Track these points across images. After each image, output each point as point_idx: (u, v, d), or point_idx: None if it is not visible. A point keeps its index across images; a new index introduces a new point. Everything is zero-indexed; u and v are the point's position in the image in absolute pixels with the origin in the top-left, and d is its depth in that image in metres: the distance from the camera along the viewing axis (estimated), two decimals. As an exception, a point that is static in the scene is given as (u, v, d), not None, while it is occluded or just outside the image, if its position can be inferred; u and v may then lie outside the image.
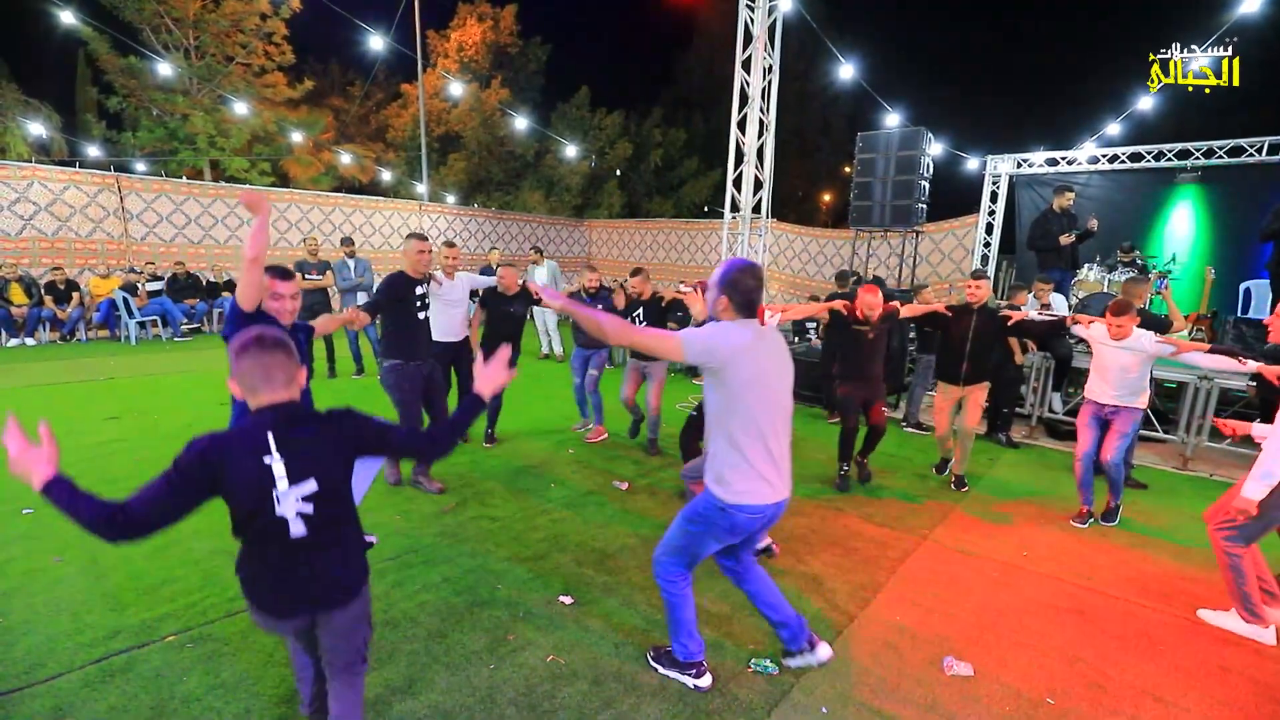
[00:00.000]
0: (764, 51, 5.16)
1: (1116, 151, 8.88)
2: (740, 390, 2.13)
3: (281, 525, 1.63)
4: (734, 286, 2.19)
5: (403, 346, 4.12)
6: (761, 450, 2.18)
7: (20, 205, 9.61)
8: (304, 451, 1.64)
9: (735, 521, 2.22)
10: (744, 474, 2.18)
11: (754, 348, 2.15)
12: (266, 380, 1.64)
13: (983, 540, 3.92)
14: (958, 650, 2.74)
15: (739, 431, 2.16)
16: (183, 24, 16.18)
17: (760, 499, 2.20)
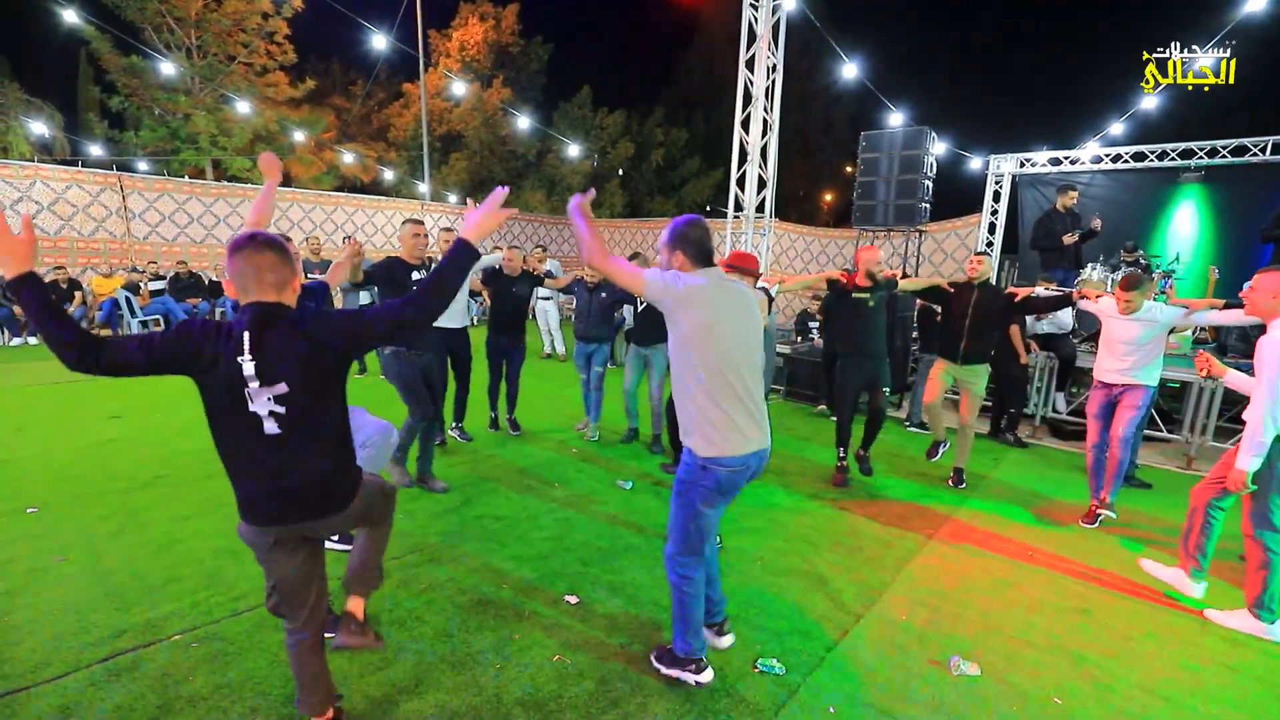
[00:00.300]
0: (768, 50, 5.15)
1: (1120, 151, 8.86)
2: (702, 335, 2.12)
3: (255, 420, 1.65)
4: (685, 239, 2.23)
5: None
6: (731, 398, 2.16)
7: (23, 204, 9.62)
8: (276, 353, 1.63)
9: (718, 478, 2.19)
10: (717, 424, 2.16)
11: (713, 292, 2.15)
12: (257, 280, 1.65)
13: (988, 540, 3.91)
14: (964, 650, 2.73)
15: (706, 381, 2.14)
16: (185, 23, 16.19)
17: (737, 448, 2.17)
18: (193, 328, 1.66)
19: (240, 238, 1.68)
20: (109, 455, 4.60)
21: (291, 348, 1.65)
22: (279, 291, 1.69)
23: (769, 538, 3.76)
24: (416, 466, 4.27)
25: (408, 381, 4.02)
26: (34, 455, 4.51)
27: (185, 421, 5.41)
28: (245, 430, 1.67)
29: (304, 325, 1.69)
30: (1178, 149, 8.43)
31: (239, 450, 1.71)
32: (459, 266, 1.81)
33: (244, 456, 1.71)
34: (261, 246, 1.68)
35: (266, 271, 1.66)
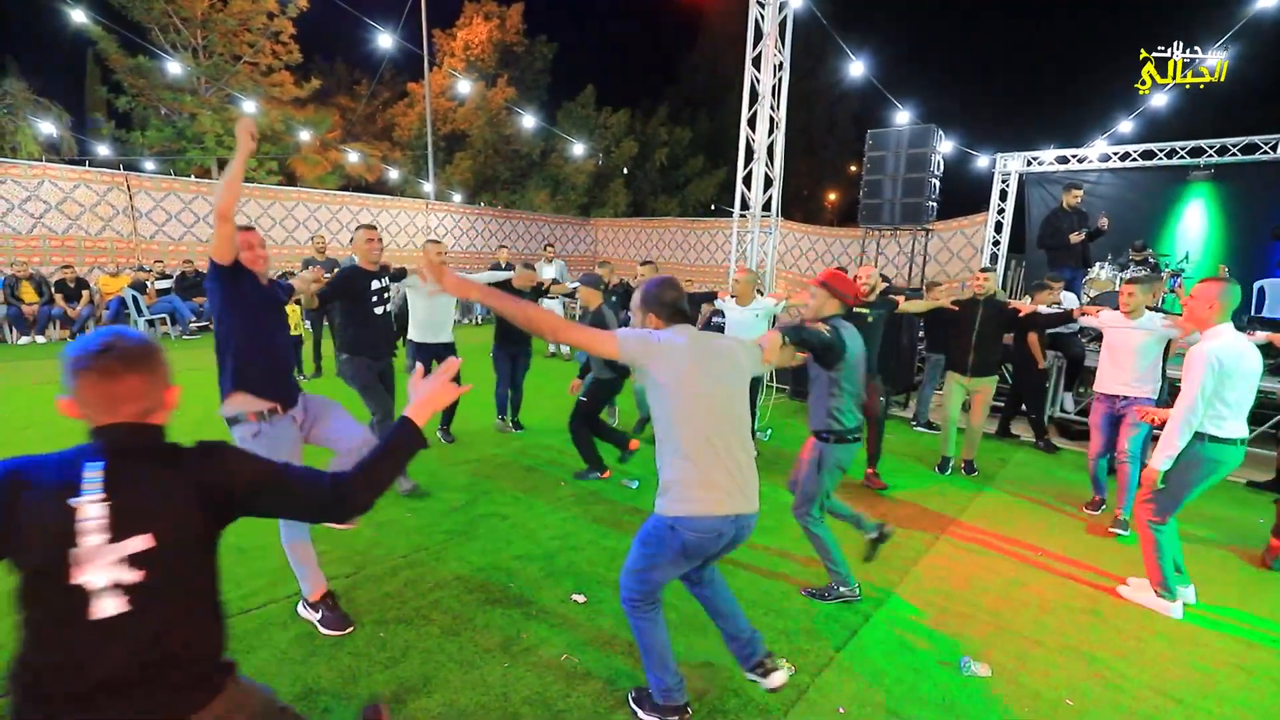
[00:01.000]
0: (774, 49, 5.13)
1: (1128, 149, 8.80)
2: (675, 391, 2.02)
3: (78, 598, 1.13)
4: (657, 301, 2.17)
5: (359, 341, 3.97)
6: (708, 457, 2.01)
7: (31, 204, 9.67)
8: (141, 494, 1.19)
9: (685, 541, 2.02)
10: (690, 482, 2.01)
11: (690, 349, 2.06)
12: (109, 410, 1.23)
13: (996, 540, 3.89)
14: (974, 650, 2.72)
15: (681, 438, 2.02)
16: (191, 23, 16.23)
17: (709, 509, 2.00)
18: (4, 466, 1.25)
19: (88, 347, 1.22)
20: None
21: (169, 485, 1.24)
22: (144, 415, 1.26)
23: (777, 537, 3.74)
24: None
25: (364, 382, 4.01)
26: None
27: (190, 421, 5.42)
28: (58, 616, 1.17)
29: (196, 457, 1.29)
30: (1186, 147, 8.36)
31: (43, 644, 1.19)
32: (399, 459, 1.45)
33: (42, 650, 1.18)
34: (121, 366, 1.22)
35: (124, 402, 1.23)
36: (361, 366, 4.00)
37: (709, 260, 15.54)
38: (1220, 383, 2.91)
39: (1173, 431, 2.96)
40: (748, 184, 5.28)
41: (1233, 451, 2.99)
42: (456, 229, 15.07)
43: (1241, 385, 2.95)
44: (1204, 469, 3.00)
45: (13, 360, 7.79)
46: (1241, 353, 2.95)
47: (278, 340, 2.71)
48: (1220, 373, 2.89)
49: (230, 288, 2.54)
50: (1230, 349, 2.93)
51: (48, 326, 9.19)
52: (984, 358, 4.86)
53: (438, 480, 4.37)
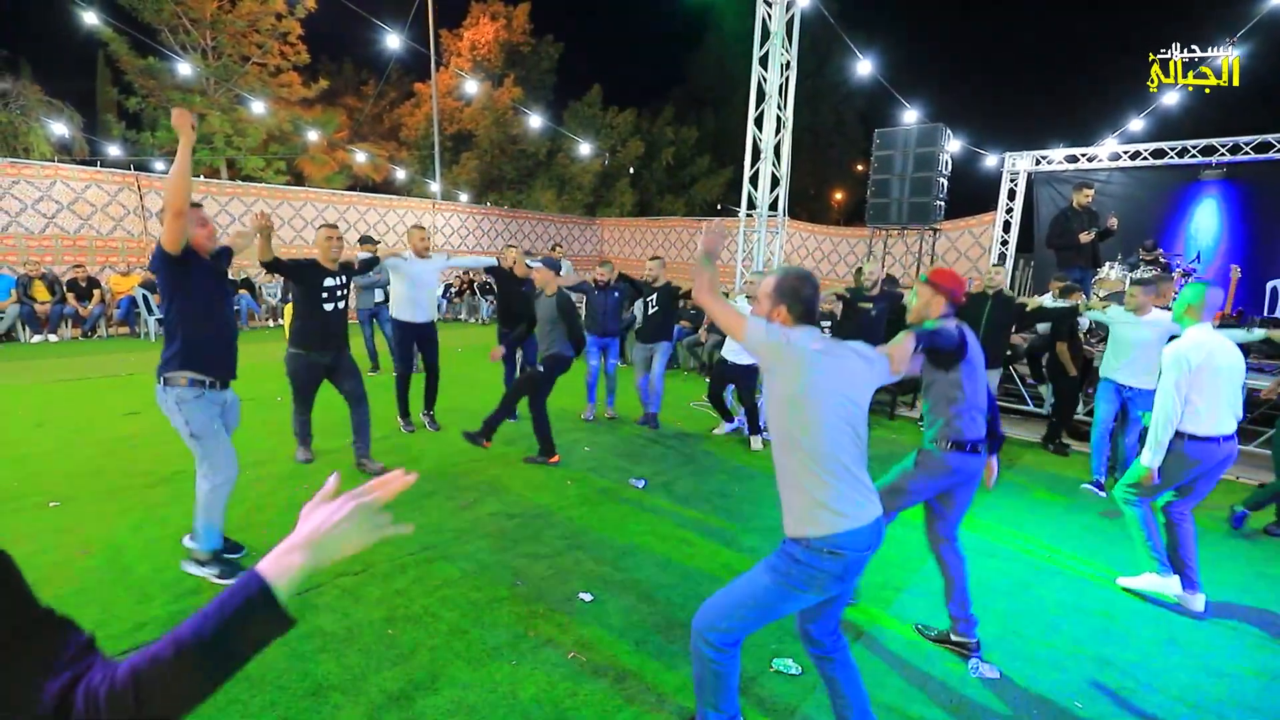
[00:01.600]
0: (782, 47, 5.12)
1: (1139, 148, 8.73)
2: (804, 399, 1.84)
3: None
4: (794, 295, 1.95)
5: (306, 335, 4.11)
6: (837, 467, 1.85)
7: (44, 204, 9.76)
8: None
9: (847, 563, 1.81)
10: (827, 499, 1.82)
11: (823, 358, 1.88)
12: None
13: (1005, 542, 3.87)
14: (985, 652, 2.70)
15: (807, 451, 1.84)
16: (200, 25, 16.35)
17: (859, 519, 1.83)
18: None
19: None
20: (128, 451, 4.65)
21: None
22: None
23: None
24: (354, 450, 4.43)
25: (298, 384, 4.28)
26: (55, 450, 4.57)
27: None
28: None
29: None
30: (1198, 146, 8.29)
31: None
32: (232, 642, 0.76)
33: None
34: None
35: None
36: (302, 365, 4.19)
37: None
38: (1195, 379, 2.99)
39: (1155, 430, 3.05)
40: (754, 183, 5.27)
41: (1213, 449, 3.04)
42: (463, 228, 15.11)
43: (1214, 381, 3.01)
44: (1178, 463, 3.08)
45: (26, 359, 7.87)
46: (1212, 351, 3.01)
47: (226, 316, 2.98)
48: (1192, 369, 2.98)
49: (179, 272, 2.74)
50: (1200, 348, 3.00)
51: (60, 325, 9.28)
52: (991, 350, 4.87)
53: (444, 478, 4.38)
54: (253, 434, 5.00)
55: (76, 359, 7.94)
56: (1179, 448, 3.06)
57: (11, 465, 4.22)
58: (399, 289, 5.16)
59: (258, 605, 0.77)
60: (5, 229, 9.50)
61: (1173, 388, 3.00)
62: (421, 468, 4.57)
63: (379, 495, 0.92)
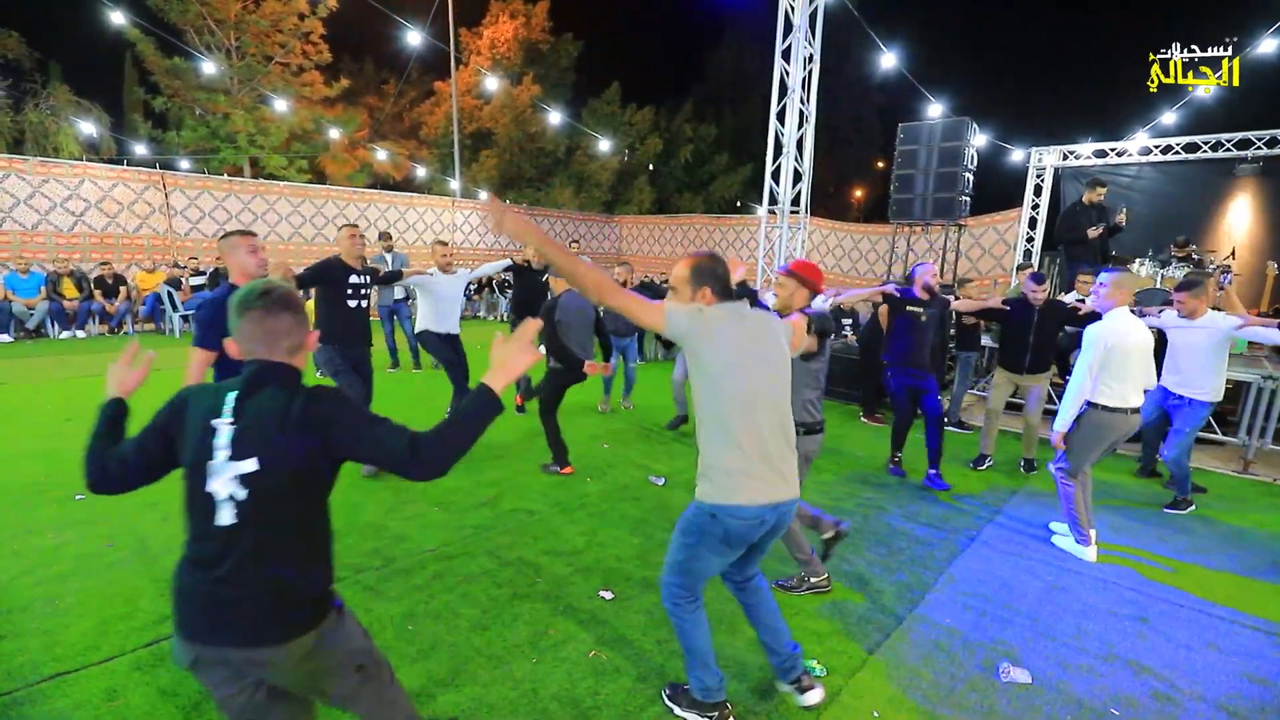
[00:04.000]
0: (805, 41, 5.04)
1: (1171, 142, 8.49)
2: (724, 371, 1.93)
3: (209, 504, 1.36)
4: (711, 274, 2.05)
5: (330, 331, 4.19)
6: (753, 441, 1.94)
7: (72, 202, 9.96)
8: (259, 422, 1.37)
9: (728, 529, 1.96)
10: (733, 470, 1.94)
11: (738, 328, 1.98)
12: (268, 345, 1.44)
13: (1034, 543, 3.77)
14: (1013, 656, 2.63)
15: (727, 422, 1.94)
16: (224, 25, 16.57)
17: (751, 497, 1.93)
18: (181, 392, 1.49)
19: (250, 295, 1.44)
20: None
21: (282, 418, 1.38)
22: (290, 355, 1.47)
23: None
24: None
25: (336, 368, 4.28)
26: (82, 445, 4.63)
27: (225, 412, 5.52)
28: (198, 519, 1.41)
29: (309, 398, 1.42)
30: (1233, 139, 8.04)
31: (190, 546, 1.43)
32: (476, 425, 1.49)
33: (189, 553, 1.42)
34: (275, 308, 1.44)
35: (279, 337, 1.45)
36: (334, 354, 4.26)
37: (734, 257, 15.43)
38: (1107, 358, 3.37)
39: (1066, 401, 3.47)
40: (776, 179, 5.20)
41: (1121, 419, 3.45)
42: (481, 226, 15.17)
43: (1124, 360, 3.38)
44: (1094, 432, 3.49)
45: (54, 354, 8.03)
46: (1126, 332, 3.39)
47: None
48: (1106, 350, 3.36)
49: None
50: (1115, 330, 3.39)
51: (87, 321, 9.46)
52: (1040, 355, 4.95)
53: (464, 475, 4.38)
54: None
55: (103, 355, 8.09)
56: (1089, 416, 3.49)
57: (40, 459, 4.29)
58: (426, 304, 5.21)
59: (490, 400, 1.51)
60: (35, 227, 9.72)
61: (1087, 364, 3.42)
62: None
63: (529, 334, 1.59)
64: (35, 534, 3.25)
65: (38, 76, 17.41)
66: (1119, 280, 3.47)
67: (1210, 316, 4.19)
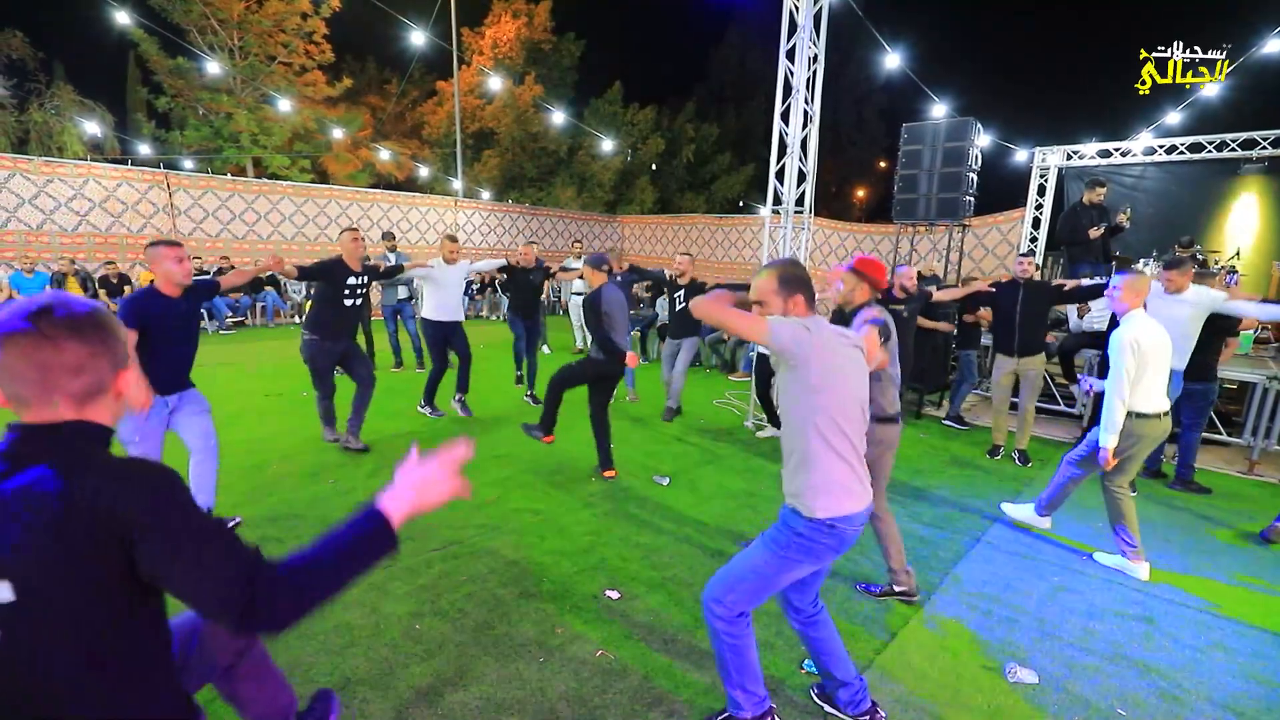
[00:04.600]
0: (809, 41, 5.03)
1: (1175, 142, 8.46)
2: (825, 386, 1.94)
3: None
4: (802, 282, 2.03)
5: (324, 325, 4.47)
6: (850, 450, 1.99)
7: (77, 202, 9.98)
8: (12, 527, 0.91)
9: (845, 538, 1.96)
10: (842, 482, 1.96)
11: (834, 343, 2.00)
12: (41, 390, 0.99)
13: (1039, 544, 3.77)
14: (1019, 656, 2.63)
15: (831, 436, 1.95)
16: (227, 25, 16.60)
17: (858, 505, 1.98)
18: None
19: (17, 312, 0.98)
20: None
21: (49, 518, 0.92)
22: (79, 406, 1.02)
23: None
24: (347, 426, 4.73)
25: (318, 365, 4.53)
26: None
27: (233, 411, 5.53)
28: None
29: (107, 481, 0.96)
30: (1238, 139, 8.02)
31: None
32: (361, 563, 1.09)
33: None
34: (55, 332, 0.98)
35: (62, 375, 0.99)
36: (319, 350, 4.49)
37: (735, 257, 15.42)
38: (1141, 364, 3.29)
39: (1109, 416, 3.32)
40: (780, 179, 5.19)
41: (1156, 424, 3.39)
42: (484, 226, 15.18)
43: (1155, 363, 3.33)
44: (1135, 441, 3.40)
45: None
46: (1153, 334, 3.33)
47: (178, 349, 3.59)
48: (1140, 354, 3.29)
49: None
50: (1145, 333, 3.31)
51: (92, 320, 9.48)
52: (1030, 336, 5.08)
53: (469, 474, 4.37)
54: (279, 429, 5.06)
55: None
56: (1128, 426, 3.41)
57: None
58: (431, 294, 5.57)
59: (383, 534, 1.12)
60: (40, 226, 9.74)
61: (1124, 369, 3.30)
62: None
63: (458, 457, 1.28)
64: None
65: (42, 76, 17.44)
66: (1132, 283, 3.42)
67: (1195, 290, 4.29)
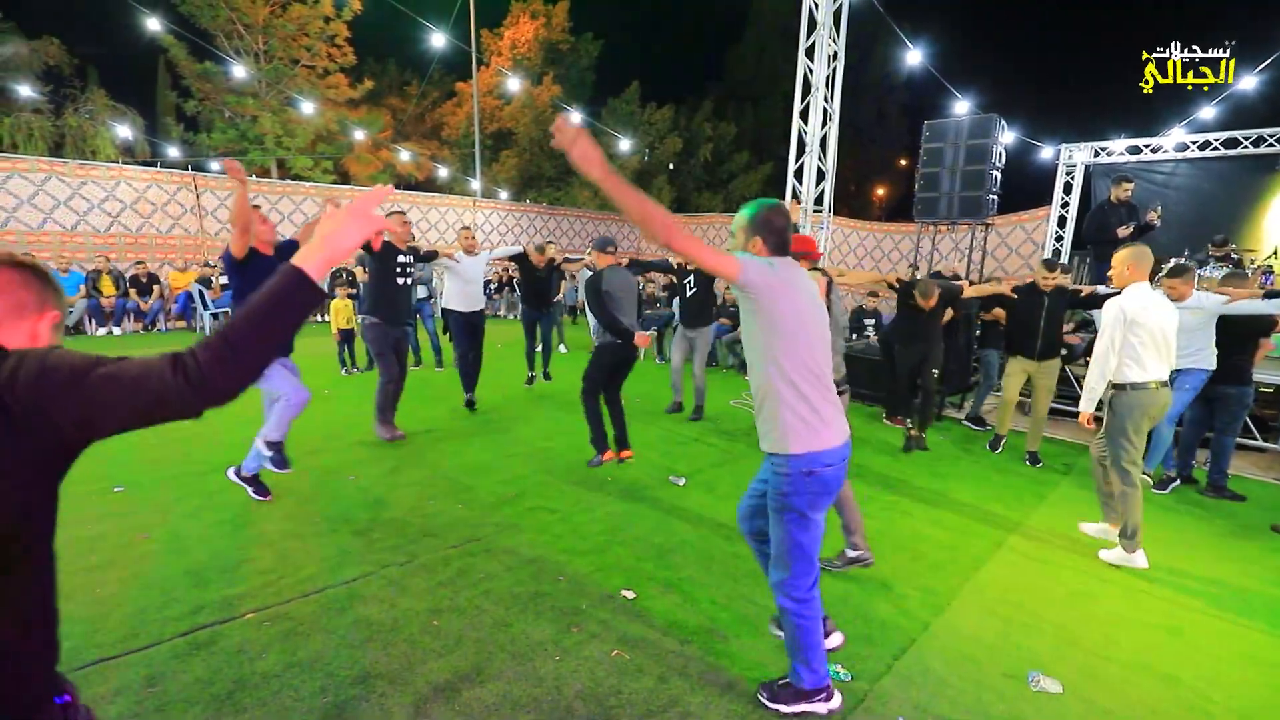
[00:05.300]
0: (829, 38, 4.99)
1: (1209, 137, 8.25)
2: (794, 325, 1.99)
3: None
4: (768, 225, 2.10)
5: (382, 307, 4.68)
6: (820, 389, 2.05)
7: (109, 203, 10.24)
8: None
9: (824, 478, 2.04)
10: (808, 419, 2.02)
11: (800, 283, 2.06)
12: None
13: (1061, 550, 3.70)
14: (1041, 664, 2.58)
15: (793, 373, 2.00)
16: (253, 29, 16.93)
17: (833, 440, 2.05)
18: None
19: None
20: (187, 440, 4.83)
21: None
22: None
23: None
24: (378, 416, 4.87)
25: (380, 349, 4.72)
26: (120, 438, 4.75)
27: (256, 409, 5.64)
28: None
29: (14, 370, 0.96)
30: (1276, 134, 7.80)
31: None
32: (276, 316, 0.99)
33: None
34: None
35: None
36: (380, 332, 4.69)
37: (754, 256, 15.35)
38: (1128, 333, 3.38)
39: (1090, 379, 3.50)
40: (799, 177, 5.15)
41: (1150, 394, 3.43)
42: (503, 225, 15.29)
43: (1146, 335, 3.38)
44: (1129, 413, 3.47)
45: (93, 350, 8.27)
46: (1146, 306, 3.38)
47: None
48: (1127, 324, 3.37)
49: (243, 273, 3.33)
50: (1134, 303, 3.38)
51: (123, 319, 9.73)
52: (1050, 342, 5.08)
53: (486, 472, 4.42)
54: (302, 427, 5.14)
55: (137, 351, 8.25)
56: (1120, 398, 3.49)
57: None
58: (452, 284, 5.79)
59: (298, 281, 1.01)
60: (74, 227, 10.01)
61: (1108, 338, 3.43)
62: (464, 460, 4.64)
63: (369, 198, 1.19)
64: (76, 525, 3.35)
65: (77, 82, 17.93)
66: (1123, 256, 3.49)
67: (1197, 297, 4.29)
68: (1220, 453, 4.65)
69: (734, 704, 2.25)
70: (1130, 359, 3.41)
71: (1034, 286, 5.05)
